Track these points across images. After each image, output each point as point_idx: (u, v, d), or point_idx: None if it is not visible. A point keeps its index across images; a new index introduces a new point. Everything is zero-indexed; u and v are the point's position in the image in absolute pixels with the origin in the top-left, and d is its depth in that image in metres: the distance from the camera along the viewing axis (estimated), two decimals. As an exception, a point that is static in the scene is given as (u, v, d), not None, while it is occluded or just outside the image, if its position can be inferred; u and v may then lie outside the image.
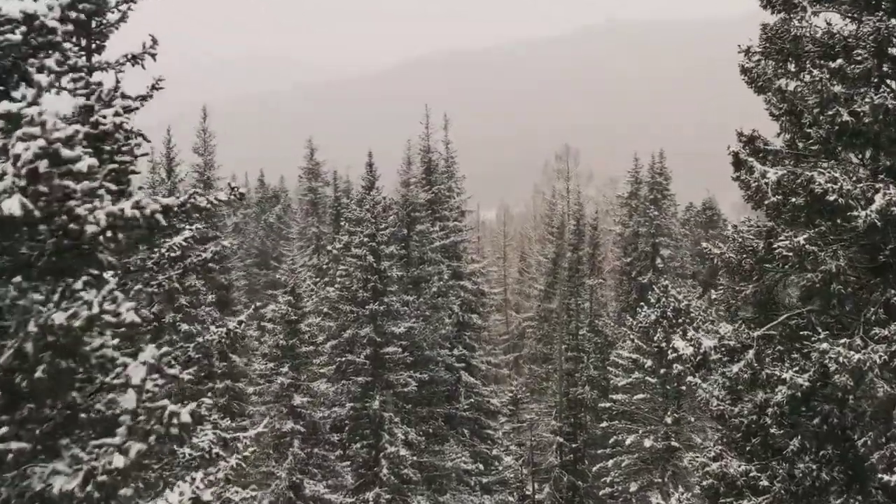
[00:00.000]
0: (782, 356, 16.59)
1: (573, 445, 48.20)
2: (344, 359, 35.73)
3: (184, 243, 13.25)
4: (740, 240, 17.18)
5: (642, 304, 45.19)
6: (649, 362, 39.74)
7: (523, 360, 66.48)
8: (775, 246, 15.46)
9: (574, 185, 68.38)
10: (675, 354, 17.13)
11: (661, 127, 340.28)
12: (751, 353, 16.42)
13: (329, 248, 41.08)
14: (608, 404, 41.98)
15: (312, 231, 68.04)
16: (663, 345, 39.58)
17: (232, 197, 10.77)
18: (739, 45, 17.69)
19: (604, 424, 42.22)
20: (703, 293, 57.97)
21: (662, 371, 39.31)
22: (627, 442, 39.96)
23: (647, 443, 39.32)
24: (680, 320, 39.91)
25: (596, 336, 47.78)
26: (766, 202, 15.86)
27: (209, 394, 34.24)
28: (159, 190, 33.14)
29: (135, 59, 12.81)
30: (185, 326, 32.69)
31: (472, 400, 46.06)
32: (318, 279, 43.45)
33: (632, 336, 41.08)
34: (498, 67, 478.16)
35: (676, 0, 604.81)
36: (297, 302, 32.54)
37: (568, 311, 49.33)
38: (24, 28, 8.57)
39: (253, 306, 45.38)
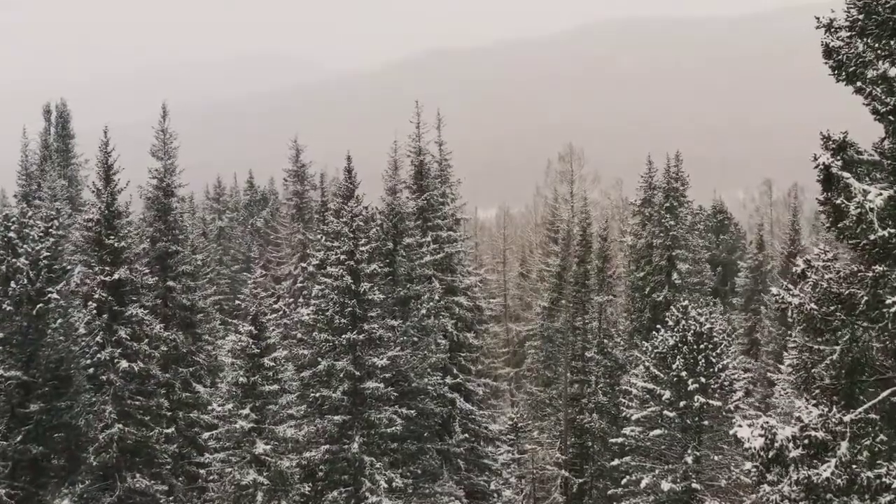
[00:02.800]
0: (886, 450, 11.89)
1: (579, 481, 43.59)
2: (318, 394, 30.99)
3: None
4: (825, 285, 12.45)
5: (658, 326, 40.50)
6: (667, 394, 35.00)
7: (524, 375, 61.85)
8: (889, 301, 10.73)
9: (579, 189, 63.60)
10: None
11: (662, 127, 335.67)
12: (843, 446, 11.72)
13: (303, 264, 36.47)
14: (620, 439, 37.25)
15: (298, 238, 63.46)
16: (682, 374, 35.13)
17: None
18: (819, 19, 12.97)
19: (615, 462, 37.50)
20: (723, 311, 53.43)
21: (682, 404, 34.64)
22: (643, 484, 35.25)
23: (665, 485, 34.61)
24: (702, 346, 35.43)
25: (605, 358, 43.06)
26: (871, 237, 11.13)
27: (156, 439, 29.59)
28: (96, 203, 28.44)
29: None
30: (124, 364, 28.11)
31: (469, 431, 41.50)
32: (293, 301, 38.67)
33: (646, 362, 36.32)
34: (498, 66, 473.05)
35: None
36: (261, 333, 27.81)
37: (574, 330, 44.65)
38: None
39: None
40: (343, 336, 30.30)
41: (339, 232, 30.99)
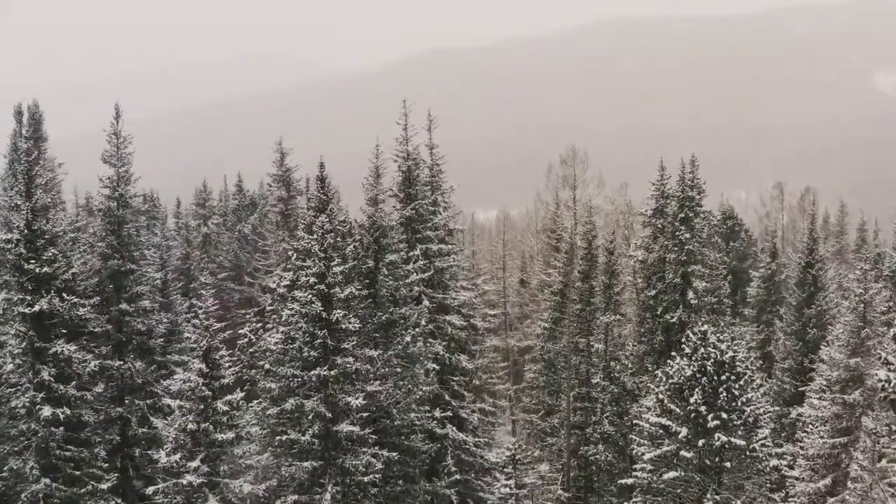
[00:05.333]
0: None
1: (584, 519, 39.58)
2: (286, 437, 26.91)
3: None
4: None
5: (671, 349, 36.40)
6: (684, 431, 30.91)
7: (524, 390, 57.79)
8: None
9: (582, 194, 59.52)
10: None
11: (662, 126, 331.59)
12: None
13: (272, 284, 32.50)
14: (629, 480, 33.15)
15: (283, 247, 59.43)
16: (701, 409, 31.08)
17: None
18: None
19: (625, 505, 33.45)
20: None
21: (701, 442, 30.55)
22: (656, 533, 31.21)
23: (683, 534, 30.59)
24: (723, 377, 31.35)
25: (612, 384, 38.94)
26: None
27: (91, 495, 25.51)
28: (13, 218, 24.33)
29: None
30: (47, 412, 24.04)
31: (463, 463, 37.57)
32: (261, 326, 34.47)
33: (659, 394, 32.16)
34: (498, 66, 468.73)
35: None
36: (213, 371, 23.77)
37: (577, 352, 40.53)
38: None
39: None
40: (312, 372, 26.24)
41: (310, 250, 26.95)
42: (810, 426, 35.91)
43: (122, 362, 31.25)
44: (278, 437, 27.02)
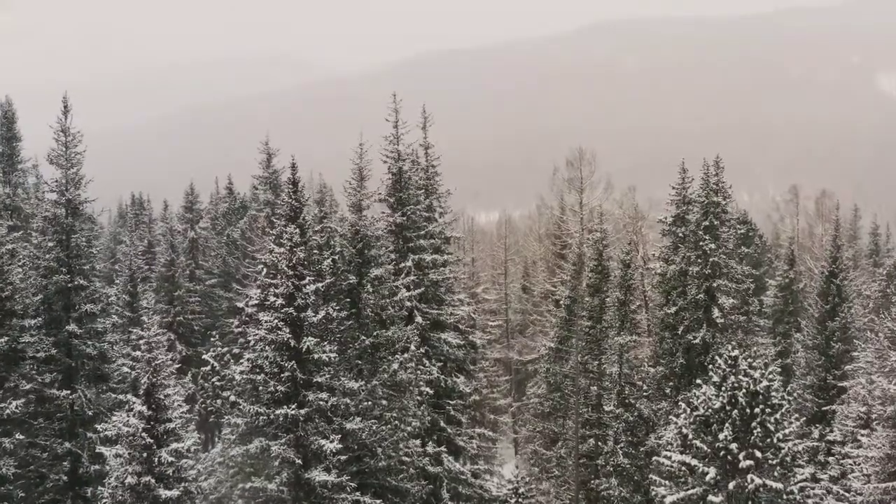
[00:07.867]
0: None
1: (595, 563, 35.58)
2: (248, 485, 22.95)
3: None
4: None
5: (693, 372, 32.45)
6: (711, 471, 26.94)
7: (527, 408, 53.93)
8: None
9: (590, 199, 55.48)
10: None
11: (662, 127, 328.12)
12: None
13: (241, 304, 28.60)
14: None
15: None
16: (732, 446, 27.13)
17: None
18: None
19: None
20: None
21: (732, 485, 26.63)
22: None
23: (712, 590, 26.58)
24: (756, 409, 27.38)
25: (626, 411, 34.89)
26: None
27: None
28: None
29: None
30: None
31: (460, 497, 33.74)
32: (227, 351, 30.43)
33: (682, 428, 28.16)
34: (498, 66, 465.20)
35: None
36: (157, 414, 19.83)
37: (587, 374, 36.51)
38: None
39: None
40: (279, 410, 22.25)
41: (277, 266, 23.00)
42: (850, 460, 31.93)
43: (70, 391, 27.33)
44: (241, 485, 23.06)
